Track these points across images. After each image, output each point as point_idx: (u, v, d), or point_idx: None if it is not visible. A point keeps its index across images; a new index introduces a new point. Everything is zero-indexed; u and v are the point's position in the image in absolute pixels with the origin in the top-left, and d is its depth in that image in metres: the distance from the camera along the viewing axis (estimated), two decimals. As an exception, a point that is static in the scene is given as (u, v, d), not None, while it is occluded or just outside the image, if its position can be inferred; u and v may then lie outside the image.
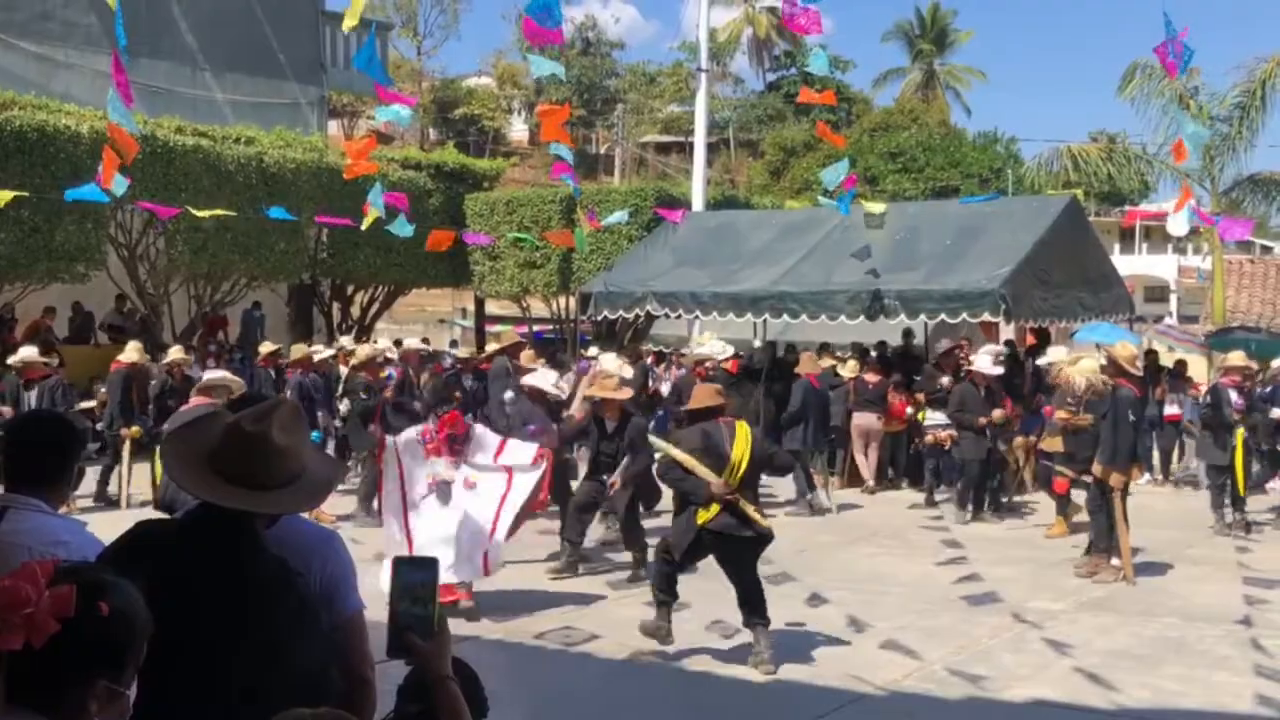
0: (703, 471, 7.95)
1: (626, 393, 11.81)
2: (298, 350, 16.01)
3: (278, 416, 2.91)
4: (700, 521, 8.01)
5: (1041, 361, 14.65)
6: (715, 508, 7.96)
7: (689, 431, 8.43)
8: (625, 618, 9.23)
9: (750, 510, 7.98)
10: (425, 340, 22.99)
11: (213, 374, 11.48)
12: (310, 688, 2.57)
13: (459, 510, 9.16)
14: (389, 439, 9.96)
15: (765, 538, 8.12)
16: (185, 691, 2.66)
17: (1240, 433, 13.52)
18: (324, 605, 2.99)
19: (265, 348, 17.91)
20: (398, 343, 20.91)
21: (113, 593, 2.01)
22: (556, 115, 17.67)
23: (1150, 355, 18.04)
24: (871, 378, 16.64)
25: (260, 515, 2.90)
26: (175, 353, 15.82)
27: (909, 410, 16.57)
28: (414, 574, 2.59)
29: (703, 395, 8.58)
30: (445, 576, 9.09)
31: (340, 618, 3.09)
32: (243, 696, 2.62)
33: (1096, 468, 11.10)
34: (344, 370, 16.11)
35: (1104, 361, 11.57)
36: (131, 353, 15.28)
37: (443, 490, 9.25)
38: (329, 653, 2.91)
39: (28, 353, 14.43)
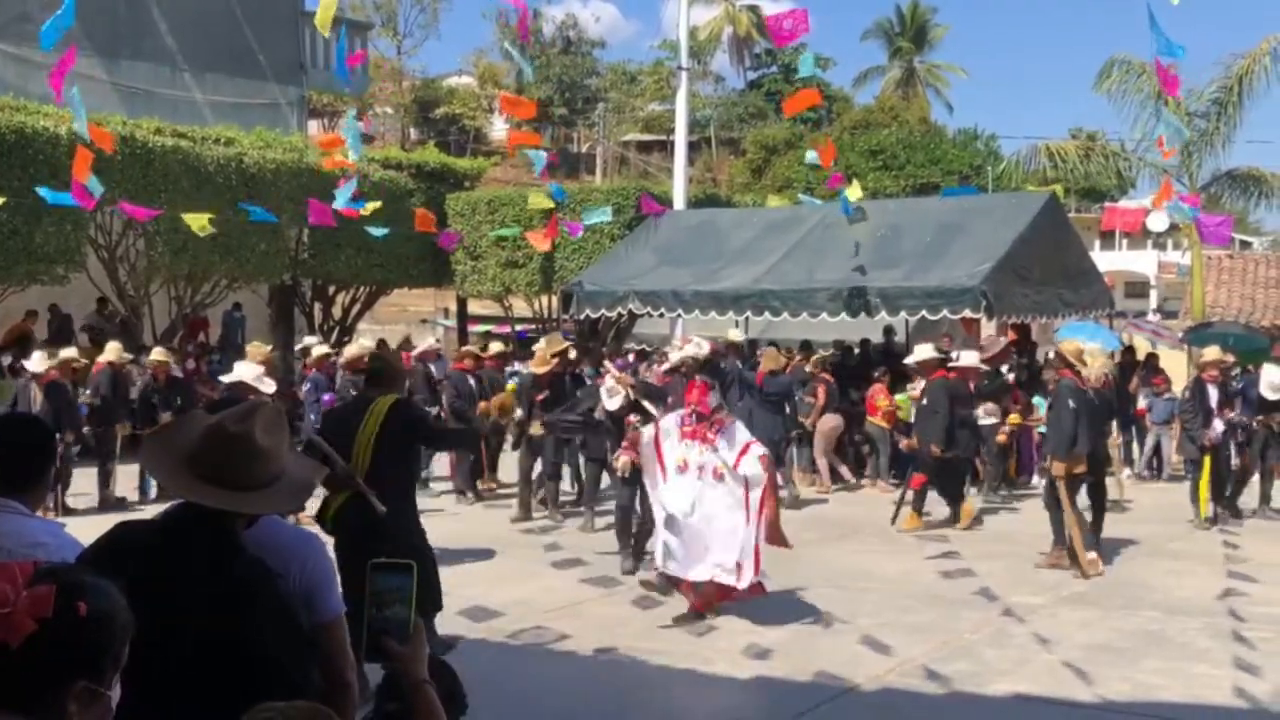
0: (333, 455, 6.74)
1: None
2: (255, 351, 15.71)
3: (260, 417, 2.92)
4: (327, 515, 6.95)
5: (909, 360, 14.68)
6: (341, 496, 6.85)
7: None
8: (602, 616, 9.27)
9: (372, 497, 6.68)
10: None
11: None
12: (290, 688, 2.57)
13: (709, 501, 8.83)
14: (646, 430, 9.37)
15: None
16: (166, 692, 2.66)
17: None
18: (303, 607, 3.00)
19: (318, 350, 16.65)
20: (380, 343, 20.88)
21: (92, 594, 2.01)
22: (522, 107, 17.69)
23: (1127, 351, 18.08)
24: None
25: (240, 516, 2.90)
26: (158, 354, 15.73)
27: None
28: (389, 579, 2.60)
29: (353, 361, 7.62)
30: (706, 574, 8.87)
31: (320, 619, 3.09)
32: (223, 697, 2.62)
33: (1047, 460, 11.30)
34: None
35: (1050, 355, 12.03)
36: (111, 353, 15.25)
37: (695, 474, 8.86)
38: (309, 654, 2.91)
39: (68, 353, 14.65)
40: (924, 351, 14.33)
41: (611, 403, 11.27)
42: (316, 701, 2.39)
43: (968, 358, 14.52)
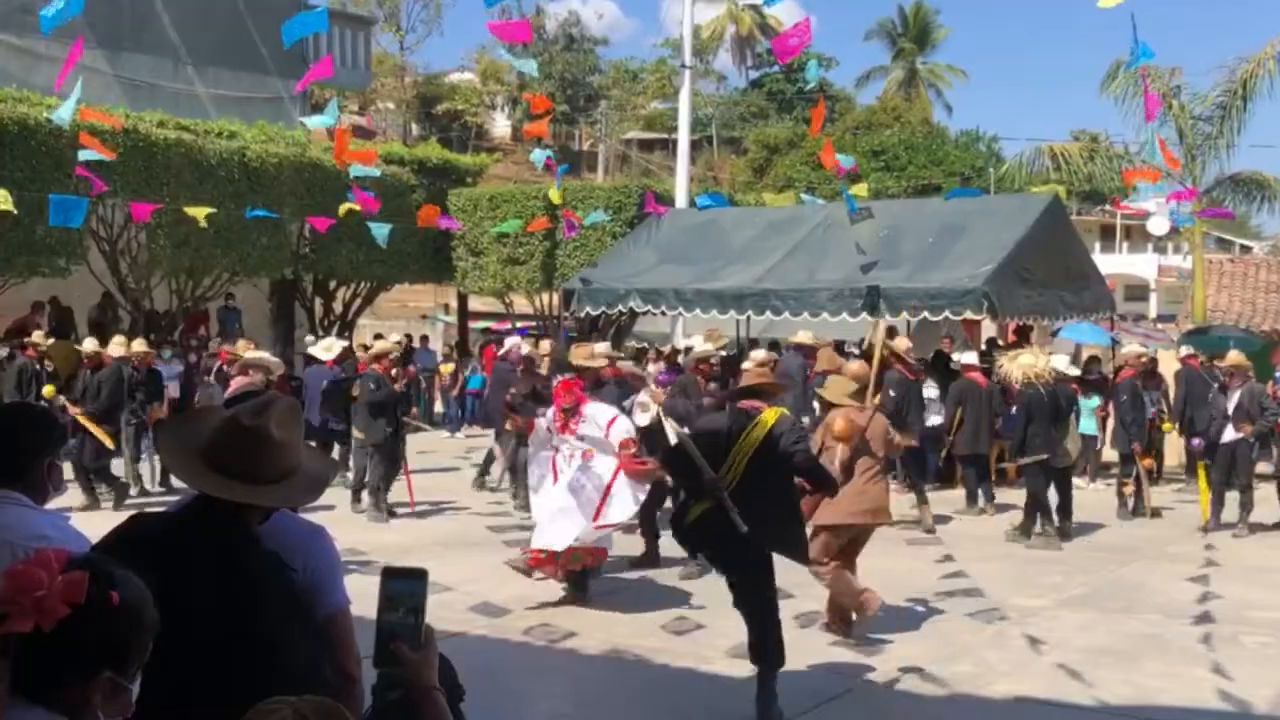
0: (701, 463, 6.89)
1: (601, 361, 11.85)
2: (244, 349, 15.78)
3: (275, 411, 2.92)
4: (690, 519, 7.04)
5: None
6: (702, 506, 6.91)
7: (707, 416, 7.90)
8: (601, 614, 9.25)
9: (734, 514, 6.71)
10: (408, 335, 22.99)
11: (253, 353, 12.30)
12: (303, 682, 2.56)
13: (574, 483, 9.20)
14: (538, 421, 9.88)
15: (756, 547, 6.82)
16: (176, 685, 2.65)
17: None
18: (311, 600, 2.98)
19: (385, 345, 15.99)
20: (378, 338, 20.85)
21: (123, 584, 2.01)
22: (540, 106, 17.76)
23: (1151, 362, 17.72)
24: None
25: (255, 509, 2.90)
26: (138, 345, 15.65)
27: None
28: (401, 584, 2.59)
29: (749, 375, 7.67)
30: (563, 543, 9.12)
31: (325, 612, 3.08)
32: (238, 691, 2.61)
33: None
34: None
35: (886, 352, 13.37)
36: (118, 346, 15.20)
37: (562, 465, 9.34)
38: (321, 648, 2.91)
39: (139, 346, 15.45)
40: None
41: (642, 419, 10.88)
42: (327, 696, 2.38)
43: (969, 359, 14.57)
